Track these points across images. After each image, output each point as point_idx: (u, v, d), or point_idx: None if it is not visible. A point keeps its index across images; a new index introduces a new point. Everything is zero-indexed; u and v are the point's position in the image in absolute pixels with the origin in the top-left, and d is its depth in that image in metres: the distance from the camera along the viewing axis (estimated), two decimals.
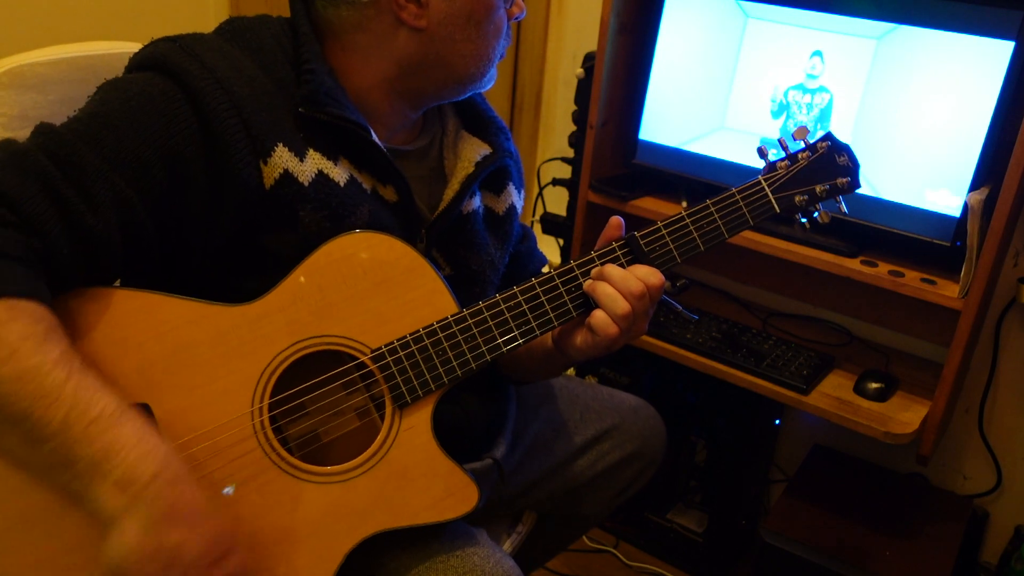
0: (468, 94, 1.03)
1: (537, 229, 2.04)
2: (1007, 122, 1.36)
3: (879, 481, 1.76)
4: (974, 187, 1.41)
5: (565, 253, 1.94)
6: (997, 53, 1.35)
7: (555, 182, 1.95)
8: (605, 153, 1.77)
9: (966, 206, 1.36)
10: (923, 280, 1.46)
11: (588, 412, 1.29)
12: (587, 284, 0.95)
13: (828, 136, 1.04)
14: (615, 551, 1.98)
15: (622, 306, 0.91)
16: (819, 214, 1.03)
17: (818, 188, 1.01)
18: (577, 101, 1.81)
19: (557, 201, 1.99)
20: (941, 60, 1.41)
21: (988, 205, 1.36)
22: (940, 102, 1.42)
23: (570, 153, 1.89)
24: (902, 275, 1.47)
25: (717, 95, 1.64)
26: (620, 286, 0.92)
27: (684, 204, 1.73)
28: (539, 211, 2.01)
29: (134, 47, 1.10)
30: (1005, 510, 1.74)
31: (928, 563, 1.53)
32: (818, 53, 1.52)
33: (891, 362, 1.68)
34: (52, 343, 0.74)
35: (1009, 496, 1.74)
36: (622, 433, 1.29)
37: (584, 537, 2.00)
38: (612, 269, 0.94)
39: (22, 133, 0.99)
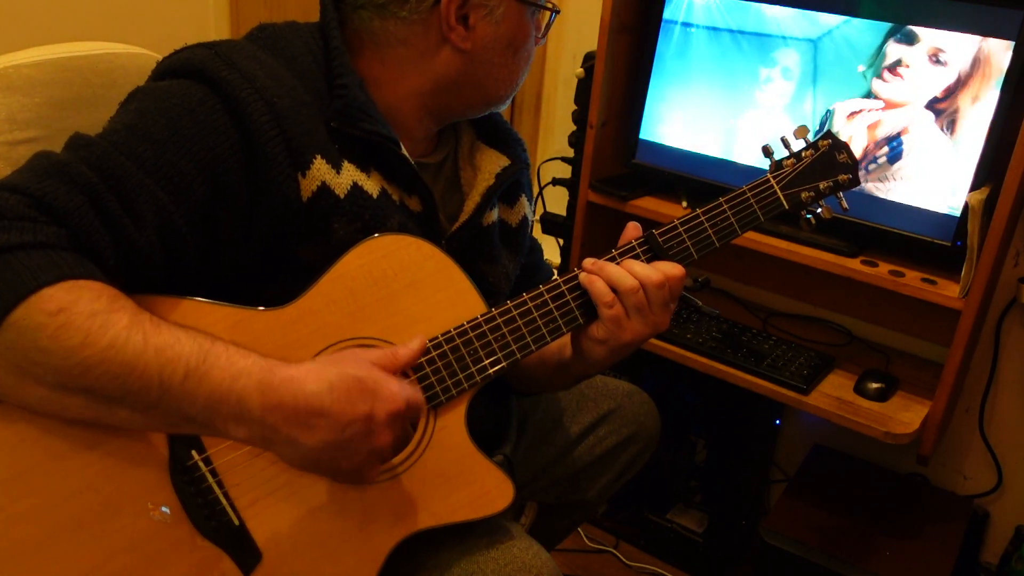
0: (487, 113, 1.06)
1: (537, 229, 2.04)
2: (1007, 122, 1.36)
3: (879, 481, 1.76)
4: (974, 187, 1.41)
5: (565, 253, 1.94)
6: (997, 53, 1.35)
7: (555, 182, 1.95)
8: (605, 153, 1.77)
9: (966, 206, 1.36)
10: (923, 280, 1.46)
11: (584, 400, 1.31)
12: (583, 277, 0.95)
13: (828, 134, 1.07)
14: (615, 551, 1.98)
15: (609, 296, 0.93)
16: (822, 210, 1.07)
17: (822, 184, 1.05)
18: (577, 101, 1.81)
19: (557, 201, 1.99)
20: (941, 60, 1.41)
21: (988, 205, 1.36)
22: (940, 102, 1.42)
23: (570, 153, 1.88)
24: (902, 275, 1.47)
25: (720, 92, 1.64)
26: (613, 280, 0.93)
27: (684, 204, 1.73)
28: (539, 211, 2.01)
29: (121, 48, 1.10)
30: (1005, 510, 1.74)
31: (928, 563, 1.53)
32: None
33: (891, 362, 1.68)
34: (118, 312, 0.74)
35: (1009, 496, 1.74)
36: (618, 418, 1.31)
37: (584, 537, 2.01)
38: (608, 266, 0.95)
39: (9, 136, 0.98)
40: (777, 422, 1.93)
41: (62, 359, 0.71)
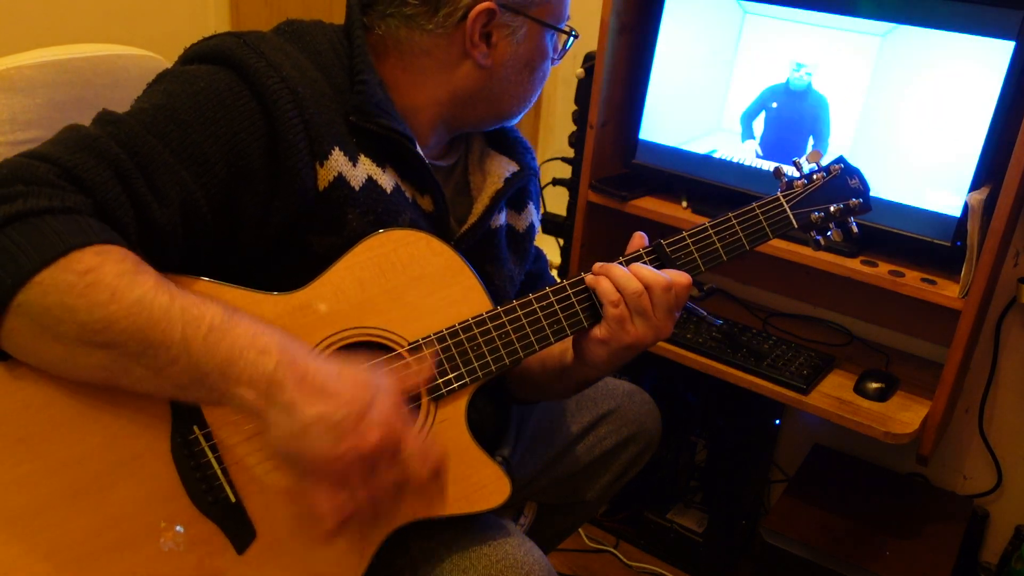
0: (497, 126, 1.08)
1: None
2: (1007, 122, 1.36)
3: (879, 481, 1.76)
4: (974, 187, 1.41)
5: (565, 253, 1.94)
6: (997, 53, 1.36)
7: (555, 182, 1.95)
8: (605, 153, 1.77)
9: (966, 206, 1.36)
10: (923, 280, 1.46)
11: (584, 399, 1.31)
12: (588, 278, 0.96)
13: (841, 159, 1.08)
14: (615, 551, 1.98)
15: (615, 294, 0.93)
16: (832, 232, 1.08)
17: (832, 208, 1.06)
18: (577, 101, 1.81)
19: (557, 201, 1.99)
20: (941, 60, 1.41)
21: (988, 205, 1.36)
22: (940, 102, 1.43)
23: (570, 153, 1.89)
24: (902, 275, 1.47)
25: (717, 94, 1.64)
26: (619, 282, 0.94)
27: (684, 204, 1.73)
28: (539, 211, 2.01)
29: (122, 49, 1.11)
30: (1005, 510, 1.74)
31: (928, 563, 1.53)
32: (802, 66, 1.53)
33: (891, 362, 1.68)
34: (144, 274, 0.76)
35: (1009, 496, 1.74)
36: (618, 418, 1.31)
37: (584, 537, 2.01)
38: (615, 268, 0.95)
39: (11, 136, 0.99)
40: (777, 422, 1.93)
41: (87, 313, 0.72)
